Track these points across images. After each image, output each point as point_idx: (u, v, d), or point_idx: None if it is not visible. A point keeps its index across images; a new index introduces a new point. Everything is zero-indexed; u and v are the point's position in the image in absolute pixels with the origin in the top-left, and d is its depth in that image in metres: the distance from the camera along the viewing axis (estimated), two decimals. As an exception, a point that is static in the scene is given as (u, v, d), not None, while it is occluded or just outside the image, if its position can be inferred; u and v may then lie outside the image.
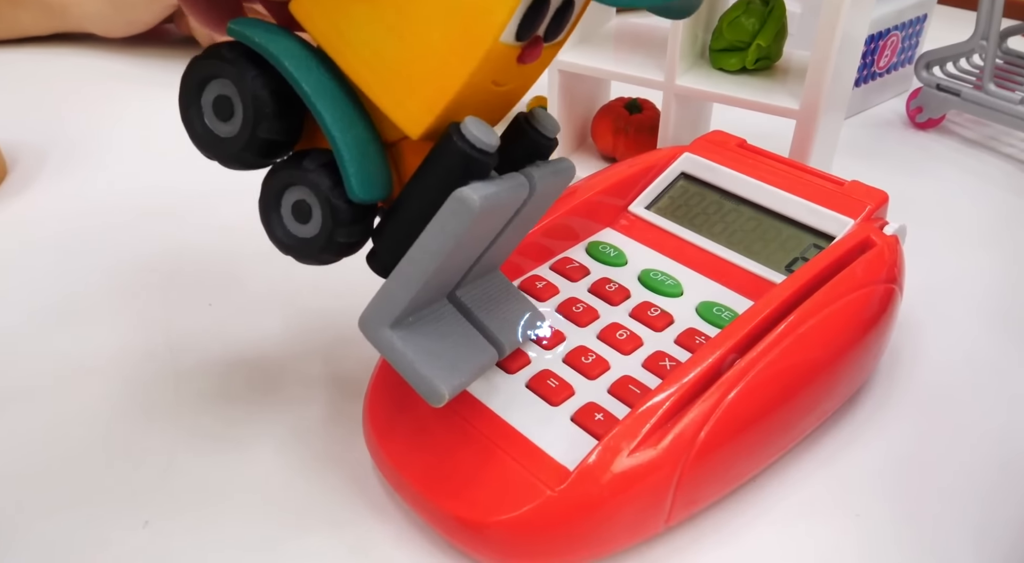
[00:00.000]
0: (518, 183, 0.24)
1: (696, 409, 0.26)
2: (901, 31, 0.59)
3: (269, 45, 0.23)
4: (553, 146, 0.27)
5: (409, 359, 0.24)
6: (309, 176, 0.24)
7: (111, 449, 0.31)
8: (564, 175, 0.27)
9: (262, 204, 0.26)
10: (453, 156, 0.23)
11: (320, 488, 0.30)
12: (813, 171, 0.37)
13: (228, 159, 0.25)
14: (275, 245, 0.26)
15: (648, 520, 0.26)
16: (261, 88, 0.24)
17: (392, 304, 0.24)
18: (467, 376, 0.25)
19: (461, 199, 0.22)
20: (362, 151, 0.24)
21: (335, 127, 0.23)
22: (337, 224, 0.25)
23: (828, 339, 0.29)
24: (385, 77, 0.23)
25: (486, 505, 0.25)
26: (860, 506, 0.29)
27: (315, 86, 0.23)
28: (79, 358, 0.36)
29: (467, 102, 0.23)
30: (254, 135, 0.24)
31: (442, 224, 0.22)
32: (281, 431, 0.32)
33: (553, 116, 0.26)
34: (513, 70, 0.24)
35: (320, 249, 0.25)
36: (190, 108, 0.25)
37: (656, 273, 0.34)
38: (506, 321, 0.29)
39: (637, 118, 0.49)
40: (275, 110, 0.24)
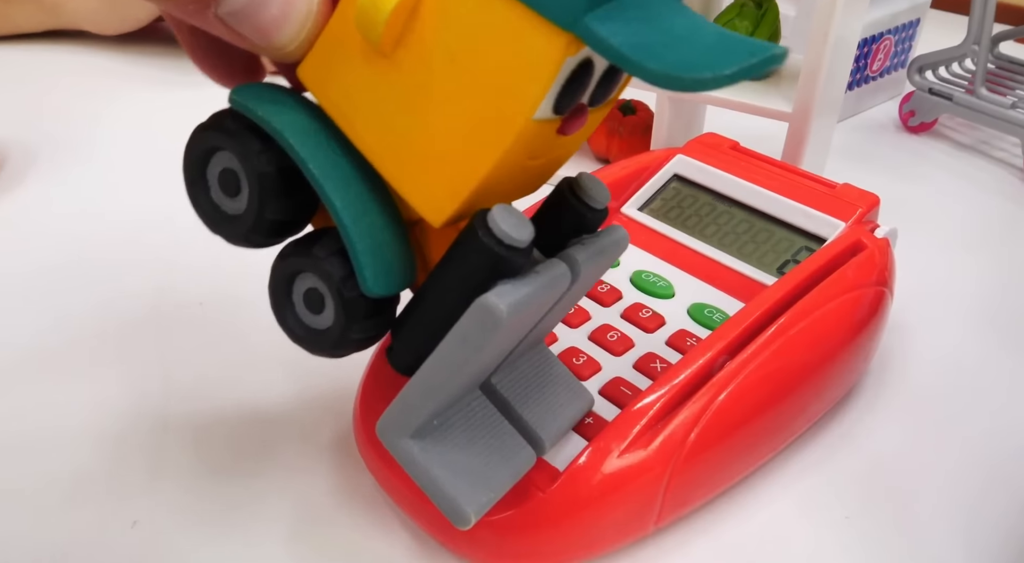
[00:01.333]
0: (557, 274, 0.21)
1: (686, 411, 0.26)
2: (894, 35, 0.60)
3: (272, 119, 0.20)
4: (601, 218, 0.23)
5: (432, 476, 0.21)
6: (321, 265, 0.21)
7: (103, 449, 0.31)
8: (615, 250, 0.24)
9: (272, 290, 0.23)
10: (479, 254, 0.20)
11: (309, 487, 0.30)
12: (805, 174, 0.37)
13: (235, 238, 0.23)
14: (286, 334, 0.24)
15: (638, 521, 0.26)
16: (266, 165, 0.21)
17: (411, 414, 0.21)
18: (498, 491, 0.23)
19: (486, 308, 0.19)
20: (377, 240, 0.21)
21: (346, 214, 0.21)
22: (351, 319, 0.22)
23: (819, 341, 0.29)
24: (403, 157, 0.20)
25: (476, 505, 0.25)
26: (850, 508, 0.29)
27: (323, 167, 0.21)
28: (65, 363, 0.36)
29: (497, 183, 0.20)
30: (261, 215, 0.21)
31: (464, 333, 0.19)
32: (269, 430, 0.32)
33: (602, 182, 0.23)
34: (552, 143, 0.20)
35: (334, 343, 0.23)
36: (195, 183, 0.23)
37: (648, 274, 0.34)
38: (548, 410, 0.25)
39: (631, 120, 0.49)
40: (283, 189, 0.21)
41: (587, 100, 0.20)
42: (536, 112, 0.18)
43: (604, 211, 0.23)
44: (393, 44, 0.19)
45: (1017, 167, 0.54)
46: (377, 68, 0.20)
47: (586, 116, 0.20)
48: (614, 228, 0.24)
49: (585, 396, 0.27)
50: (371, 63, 0.20)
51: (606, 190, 0.23)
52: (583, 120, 0.20)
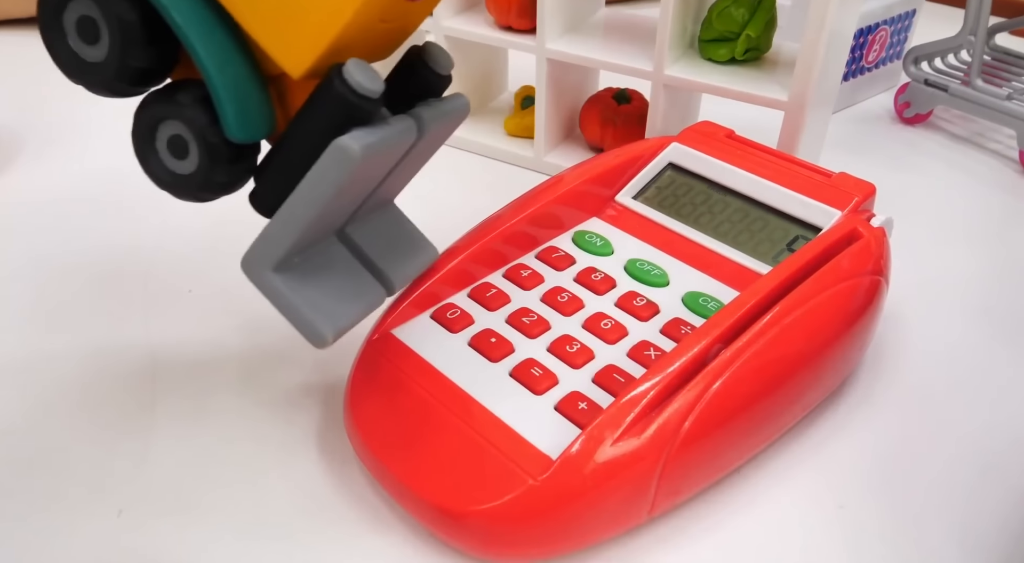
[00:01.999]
0: (405, 127, 0.24)
1: (680, 399, 0.26)
2: (890, 26, 0.59)
3: None
4: (446, 84, 0.26)
5: (291, 302, 0.24)
6: (184, 112, 0.23)
7: (86, 439, 0.31)
8: (457, 114, 0.26)
9: (135, 137, 0.24)
10: (334, 102, 0.22)
11: (300, 477, 0.29)
12: (801, 162, 0.37)
13: (97, 86, 0.23)
14: (152, 180, 0.25)
15: (631, 510, 0.26)
16: (127, 11, 0.22)
17: (274, 247, 0.23)
18: (351, 318, 0.25)
19: (341, 148, 0.22)
20: (241, 89, 0.23)
21: (211, 63, 0.22)
22: (215, 163, 0.23)
23: (813, 330, 0.29)
24: (266, 11, 0.22)
25: (468, 494, 0.25)
26: (844, 498, 0.29)
27: (188, 16, 0.22)
28: (53, 349, 0.35)
29: (352, 41, 0.22)
30: (123, 63, 0.22)
31: (322, 172, 0.22)
32: (260, 420, 0.32)
33: (447, 51, 0.26)
34: (402, 6, 0.23)
35: (198, 187, 0.24)
36: (51, 29, 0.23)
37: (642, 263, 0.34)
38: (397, 257, 0.28)
39: (625, 109, 0.48)
40: (145, 36, 0.22)
41: None
42: None
43: (448, 77, 0.26)
44: None
45: (1012, 158, 0.54)
46: None
47: None
48: (457, 95, 0.27)
49: (429, 250, 0.31)
50: None
51: (450, 59, 0.26)
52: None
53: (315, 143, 0.22)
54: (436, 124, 0.25)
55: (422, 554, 0.27)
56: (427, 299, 0.31)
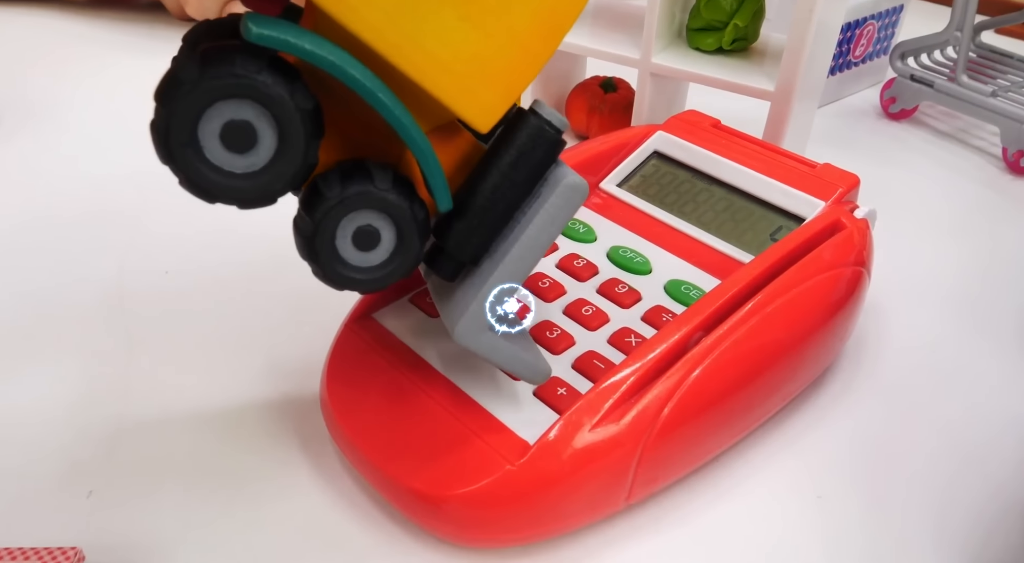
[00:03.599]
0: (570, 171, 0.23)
1: (660, 386, 0.25)
2: (878, 21, 0.59)
3: (302, 42, 0.18)
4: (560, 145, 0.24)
5: (518, 355, 0.24)
6: (388, 198, 0.21)
7: (61, 420, 0.30)
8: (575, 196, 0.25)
9: (314, 245, 0.21)
10: (542, 141, 0.22)
11: (274, 462, 0.29)
12: (786, 153, 0.36)
13: (253, 200, 0.20)
14: (329, 284, 0.22)
15: (609, 497, 0.26)
16: (305, 102, 0.19)
17: (484, 304, 0.23)
18: (538, 351, 0.26)
19: (575, 186, 0.22)
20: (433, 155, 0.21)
21: (415, 132, 0.20)
22: (422, 241, 0.22)
23: (795, 319, 0.29)
24: (455, 69, 0.20)
25: (444, 479, 0.25)
26: (822, 488, 0.29)
27: (387, 92, 0.19)
28: (27, 331, 0.35)
29: None
30: (304, 162, 0.19)
31: (555, 211, 0.22)
32: (234, 403, 0.31)
33: None
34: None
35: (401, 272, 0.23)
36: (186, 145, 0.19)
37: (625, 250, 0.33)
38: None
39: (612, 97, 0.48)
40: (320, 127, 0.20)
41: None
42: None
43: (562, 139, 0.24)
44: None
45: (996, 155, 0.54)
46: None
47: None
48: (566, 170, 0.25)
49: None
50: None
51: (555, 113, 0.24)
52: None
53: (525, 186, 0.22)
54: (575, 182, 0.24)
55: (397, 540, 0.26)
56: (406, 283, 0.31)
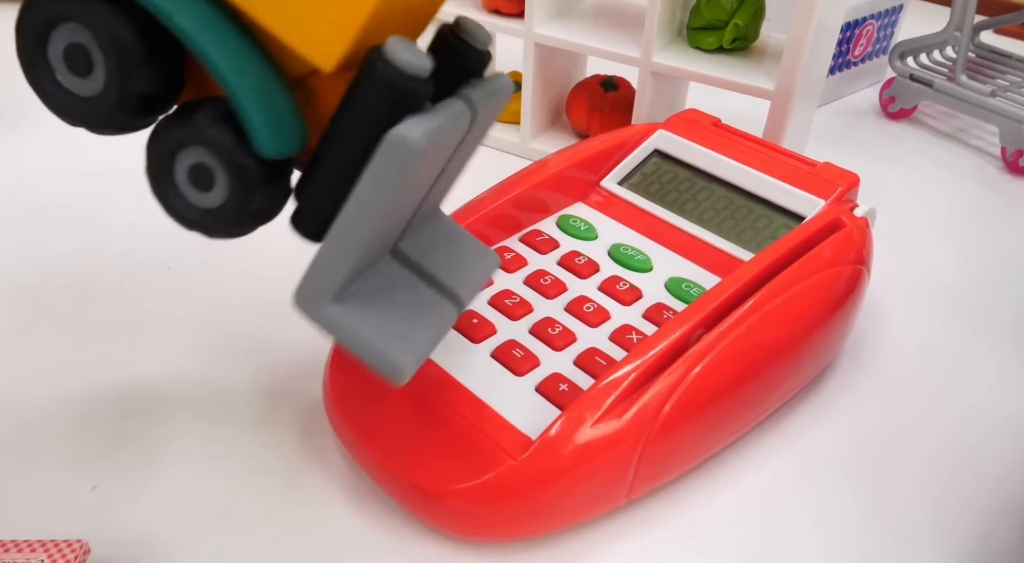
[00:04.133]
0: (458, 111, 0.20)
1: (661, 382, 0.26)
2: (877, 20, 0.60)
3: None
4: (486, 60, 0.23)
5: (361, 335, 0.20)
6: (206, 133, 0.20)
7: (64, 414, 0.30)
8: (502, 94, 0.23)
9: (150, 174, 0.21)
10: (381, 88, 0.19)
11: (277, 457, 0.29)
12: (786, 152, 0.37)
13: (96, 123, 0.20)
14: (175, 220, 0.21)
15: (610, 492, 0.26)
16: (124, 29, 0.19)
17: (332, 274, 0.20)
18: (428, 344, 0.22)
19: (401, 140, 0.18)
20: (266, 95, 0.19)
21: (228, 69, 0.19)
22: (248, 188, 0.20)
23: (794, 317, 0.29)
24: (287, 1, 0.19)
25: (446, 474, 0.25)
26: (821, 485, 0.29)
27: (195, 21, 0.18)
28: (29, 325, 0.35)
29: (384, 20, 0.19)
30: (124, 90, 0.19)
31: (380, 172, 0.18)
32: (239, 397, 0.31)
33: (482, 26, 0.23)
34: None
35: (232, 220, 0.21)
36: (35, 65, 0.20)
37: (626, 248, 0.34)
38: (458, 268, 0.25)
39: (612, 96, 0.48)
40: (146, 55, 0.19)
41: None
42: None
43: (488, 53, 0.22)
44: None
45: (995, 155, 0.54)
46: None
47: None
48: (498, 74, 0.23)
49: (491, 257, 0.26)
50: None
51: (487, 32, 0.22)
52: None
53: (364, 142, 0.19)
54: (485, 106, 0.22)
55: (401, 535, 0.27)
56: (409, 279, 0.31)
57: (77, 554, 0.23)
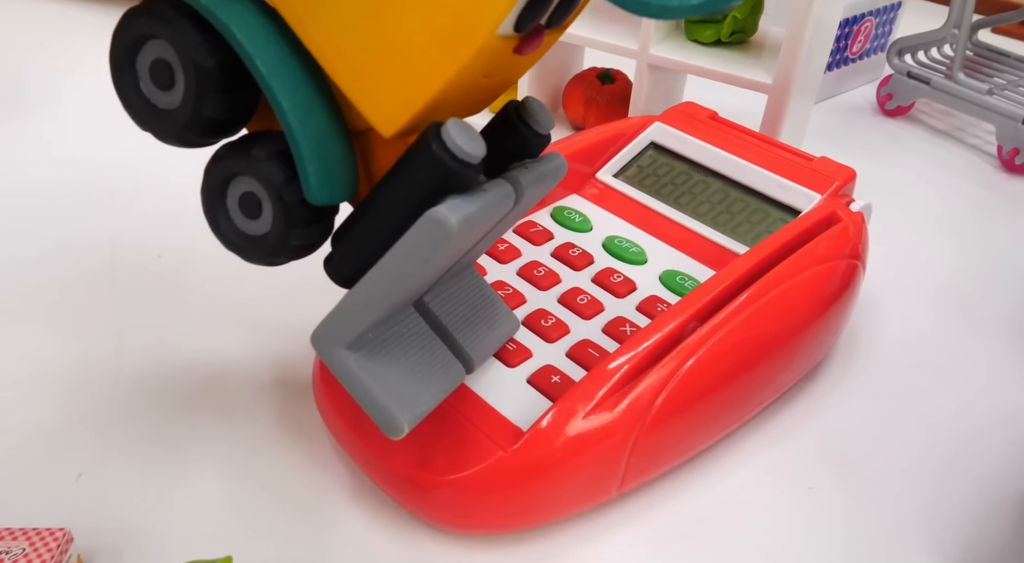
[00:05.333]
0: (503, 194, 0.21)
1: (654, 375, 0.25)
2: (875, 17, 0.59)
3: (218, 9, 0.19)
4: (545, 144, 0.23)
5: (367, 387, 0.21)
6: (260, 167, 0.21)
7: (50, 402, 0.30)
8: (553, 176, 0.24)
9: (204, 193, 0.22)
10: (432, 166, 0.19)
11: (266, 447, 0.29)
12: (782, 146, 0.36)
13: (167, 135, 0.21)
14: (220, 241, 0.23)
15: (601, 485, 0.25)
16: (206, 58, 0.20)
17: (350, 324, 0.21)
18: (429, 404, 0.23)
19: (438, 221, 0.19)
20: (324, 146, 0.20)
21: (293, 116, 0.20)
22: (290, 225, 0.21)
23: (789, 311, 0.29)
24: (358, 63, 0.19)
25: (437, 465, 0.25)
26: (813, 479, 0.29)
27: (272, 64, 0.20)
28: (18, 312, 0.35)
29: (452, 98, 0.20)
30: (197, 111, 0.20)
31: (413, 245, 0.19)
32: (227, 387, 0.31)
33: (547, 109, 0.23)
34: (508, 61, 0.20)
35: (270, 250, 0.22)
36: (123, 71, 0.21)
37: (621, 240, 0.33)
38: (478, 329, 0.25)
39: (609, 88, 0.48)
40: (223, 84, 0.20)
41: (545, 21, 0.20)
42: (500, 27, 0.18)
43: (547, 137, 0.23)
44: None
45: (991, 153, 0.54)
46: None
47: (543, 37, 0.20)
48: (554, 155, 0.24)
49: (512, 320, 0.27)
50: None
51: (551, 116, 0.23)
52: (539, 41, 0.20)
53: (407, 211, 0.19)
54: (532, 188, 0.22)
55: (391, 526, 0.26)
56: (401, 269, 0.31)
57: (60, 542, 0.23)
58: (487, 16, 0.18)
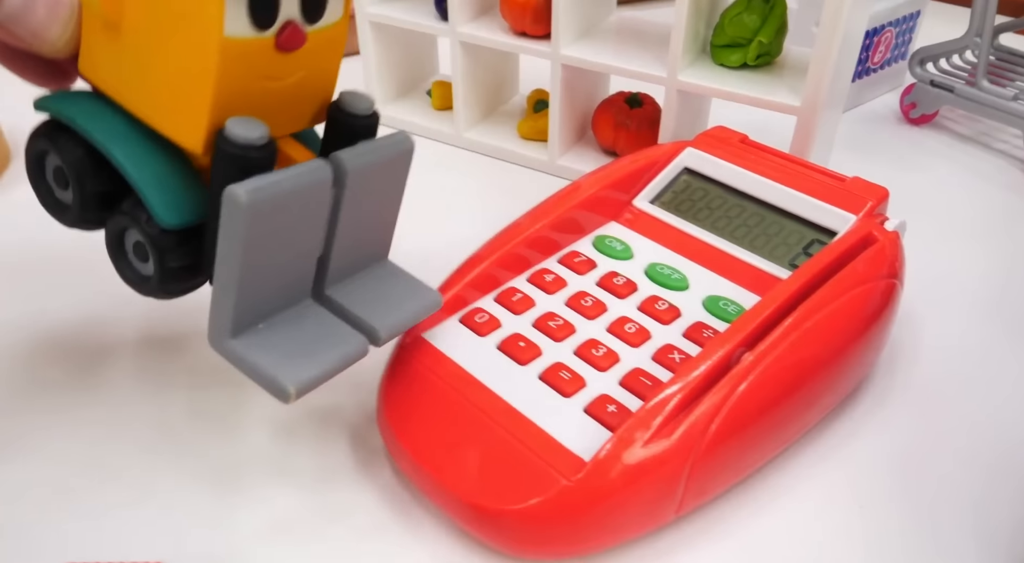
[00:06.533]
0: (310, 168, 0.23)
1: (707, 402, 0.26)
2: (895, 27, 0.60)
3: (62, 108, 0.25)
4: (371, 123, 0.26)
5: (251, 362, 0.24)
6: (128, 214, 0.25)
7: (135, 438, 0.32)
8: (393, 147, 0.26)
9: (110, 254, 0.27)
10: (222, 159, 0.23)
11: (331, 472, 0.30)
12: (814, 167, 0.37)
13: (77, 223, 0.27)
14: (132, 288, 0.27)
15: (660, 509, 0.27)
16: (74, 148, 0.25)
17: (221, 314, 0.24)
18: (321, 368, 0.24)
19: (228, 198, 0.21)
20: (162, 180, 0.25)
21: (127, 164, 0.24)
22: (160, 250, 0.25)
23: (833, 334, 0.30)
24: (154, 102, 0.24)
25: (502, 493, 0.26)
26: (863, 497, 0.30)
27: (105, 133, 0.25)
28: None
29: (240, 104, 0.23)
30: (84, 193, 0.26)
31: (224, 227, 0.22)
32: (293, 420, 0.32)
33: (364, 94, 0.26)
34: (283, 60, 0.23)
35: (160, 280, 0.26)
36: (38, 185, 0.27)
37: (662, 267, 0.34)
38: (386, 308, 0.27)
39: (638, 112, 0.49)
40: (92, 165, 0.25)
41: (297, 17, 0.23)
42: (227, 29, 0.21)
43: (371, 116, 0.26)
44: (116, 11, 0.23)
45: (1018, 158, 0.55)
46: (116, 39, 0.24)
47: (301, 32, 0.23)
48: (395, 133, 0.26)
49: (430, 295, 0.29)
50: (112, 37, 0.24)
51: (369, 99, 0.26)
52: (299, 36, 0.23)
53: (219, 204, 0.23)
54: (362, 162, 0.25)
55: (453, 551, 0.28)
56: (455, 303, 0.32)
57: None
58: (207, 24, 0.21)
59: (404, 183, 0.27)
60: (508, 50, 0.49)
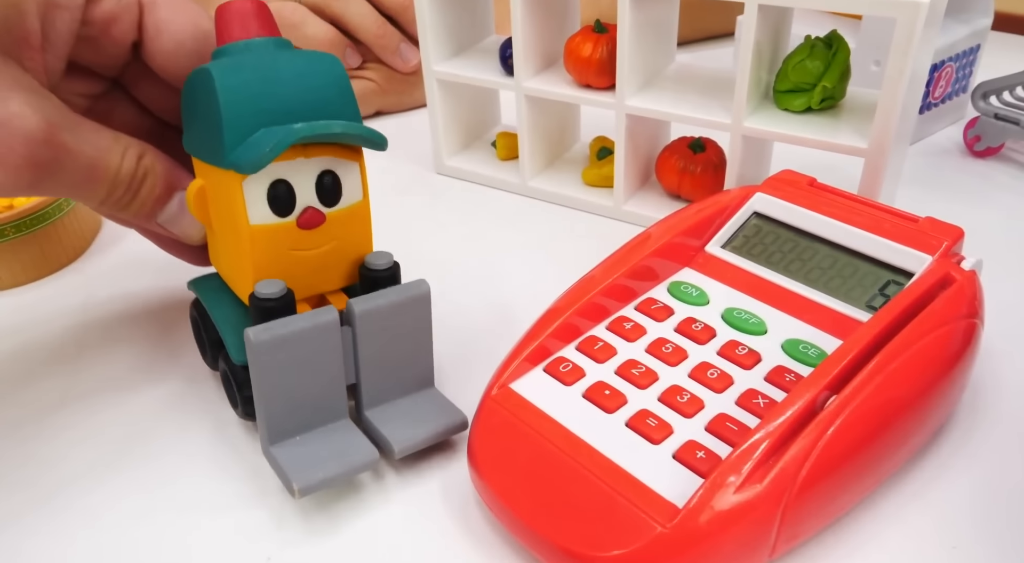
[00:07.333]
0: (318, 313, 0.30)
1: (797, 446, 0.27)
2: (955, 62, 0.60)
3: (196, 287, 0.36)
4: (390, 274, 0.32)
5: (278, 464, 0.30)
6: (222, 356, 0.34)
7: (233, 490, 0.33)
8: (406, 293, 0.32)
9: (224, 387, 0.36)
10: (252, 309, 0.30)
11: (420, 518, 0.31)
12: (885, 208, 0.38)
13: (205, 360, 0.38)
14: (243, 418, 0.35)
15: (754, 554, 0.27)
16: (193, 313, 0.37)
17: (261, 426, 0.30)
18: (327, 474, 0.29)
19: (246, 337, 0.29)
20: (236, 330, 0.32)
21: (215, 317, 0.33)
22: (237, 382, 0.32)
23: (917, 376, 0.30)
24: (232, 274, 0.33)
25: (597, 539, 0.27)
26: (955, 538, 0.30)
27: (210, 300, 0.34)
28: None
29: (278, 269, 0.30)
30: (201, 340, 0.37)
31: (250, 363, 0.29)
32: (382, 468, 0.34)
33: (386, 252, 0.33)
34: (308, 236, 0.30)
35: (241, 405, 0.33)
36: (201, 343, 0.38)
37: (739, 312, 0.35)
38: (409, 426, 0.32)
39: (701, 157, 0.50)
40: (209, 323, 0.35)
41: (316, 203, 0.30)
42: (252, 219, 0.29)
43: (389, 268, 0.32)
44: (205, 218, 0.32)
45: (1089, 188, 0.54)
46: (212, 234, 0.33)
47: (320, 215, 0.30)
48: (418, 281, 0.32)
49: (456, 416, 0.33)
50: (211, 233, 0.34)
51: (387, 255, 0.32)
52: (318, 218, 0.30)
53: None
54: (369, 306, 0.31)
55: (552, 598, 0.28)
56: (539, 354, 0.33)
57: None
58: (240, 217, 0.29)
59: (428, 321, 0.33)
60: (574, 102, 0.50)
